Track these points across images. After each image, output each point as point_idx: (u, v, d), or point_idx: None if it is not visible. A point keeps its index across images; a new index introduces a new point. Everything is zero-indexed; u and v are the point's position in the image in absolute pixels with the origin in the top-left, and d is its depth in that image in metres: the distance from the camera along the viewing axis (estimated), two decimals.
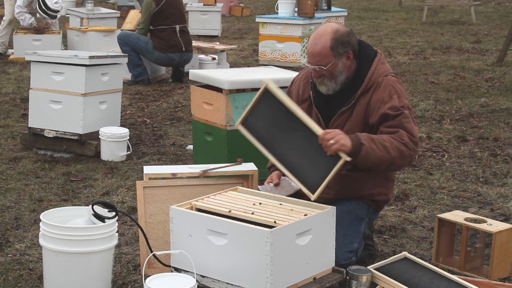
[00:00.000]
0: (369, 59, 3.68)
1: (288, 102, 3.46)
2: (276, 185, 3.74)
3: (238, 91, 4.75)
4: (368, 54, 3.70)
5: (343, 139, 3.35)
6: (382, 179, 3.73)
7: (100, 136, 5.76)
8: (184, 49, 8.61)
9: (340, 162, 3.34)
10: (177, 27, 8.57)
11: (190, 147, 5.90)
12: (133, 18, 9.93)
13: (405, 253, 3.67)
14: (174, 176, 3.87)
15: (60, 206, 4.28)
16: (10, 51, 10.40)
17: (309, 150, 3.43)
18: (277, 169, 3.86)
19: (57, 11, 9.93)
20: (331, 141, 3.32)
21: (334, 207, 3.39)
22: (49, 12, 9.81)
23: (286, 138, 3.47)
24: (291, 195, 3.62)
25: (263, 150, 3.52)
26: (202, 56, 8.82)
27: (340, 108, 3.67)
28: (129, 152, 5.83)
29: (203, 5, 12.96)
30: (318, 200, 3.52)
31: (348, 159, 3.34)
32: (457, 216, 3.93)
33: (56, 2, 9.81)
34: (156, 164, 5.57)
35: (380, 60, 3.69)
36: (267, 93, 3.51)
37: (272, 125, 3.50)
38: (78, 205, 4.66)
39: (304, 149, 3.45)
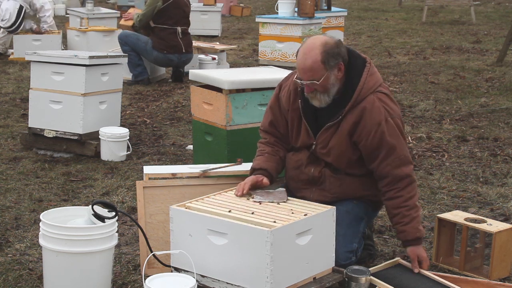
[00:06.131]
0: (357, 71, 3.59)
1: None
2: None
3: (238, 91, 4.75)
4: (356, 66, 3.60)
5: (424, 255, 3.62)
6: None
7: (100, 136, 5.76)
8: (184, 51, 8.60)
9: None
10: (179, 28, 8.55)
11: (190, 147, 5.90)
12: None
13: (398, 259, 3.64)
14: (174, 176, 3.87)
15: (60, 206, 4.28)
16: (10, 51, 10.40)
17: None
18: (260, 173, 3.68)
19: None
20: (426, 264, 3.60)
21: (334, 207, 3.39)
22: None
23: None
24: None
25: None
26: (202, 56, 8.81)
27: (328, 120, 3.62)
28: (129, 152, 5.83)
29: (203, 5, 12.96)
30: (317, 201, 3.52)
31: None
32: (457, 216, 3.92)
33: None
34: (156, 164, 5.57)
35: (369, 72, 3.60)
36: None
37: None
38: (78, 205, 4.66)
39: None
